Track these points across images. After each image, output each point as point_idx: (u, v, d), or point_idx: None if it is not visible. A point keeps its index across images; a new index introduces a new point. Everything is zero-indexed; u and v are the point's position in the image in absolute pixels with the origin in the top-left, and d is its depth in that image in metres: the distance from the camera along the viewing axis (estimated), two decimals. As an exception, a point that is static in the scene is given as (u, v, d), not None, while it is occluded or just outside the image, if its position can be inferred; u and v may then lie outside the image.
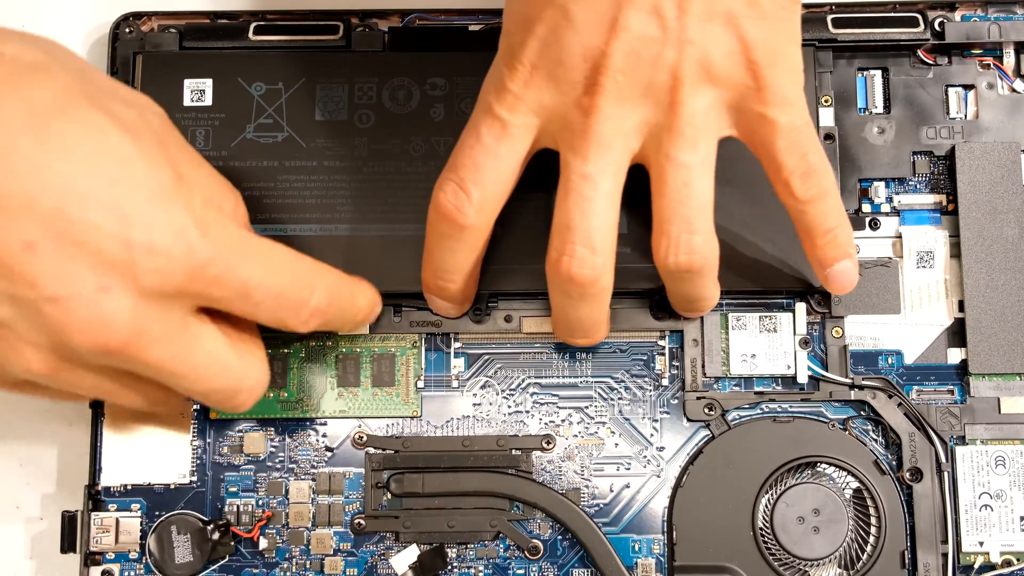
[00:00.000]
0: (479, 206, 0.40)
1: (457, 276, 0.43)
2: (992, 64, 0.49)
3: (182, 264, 0.36)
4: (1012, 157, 0.48)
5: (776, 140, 0.39)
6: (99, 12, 0.51)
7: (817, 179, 0.40)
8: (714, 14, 0.38)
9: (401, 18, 0.50)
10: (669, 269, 0.40)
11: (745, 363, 0.47)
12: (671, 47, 0.38)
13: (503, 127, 0.39)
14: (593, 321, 0.43)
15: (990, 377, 0.47)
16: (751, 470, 0.46)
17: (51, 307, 0.33)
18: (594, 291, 0.40)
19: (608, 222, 0.39)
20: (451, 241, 0.42)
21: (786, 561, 0.46)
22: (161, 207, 0.35)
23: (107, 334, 0.35)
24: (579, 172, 0.39)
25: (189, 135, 0.47)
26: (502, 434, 0.47)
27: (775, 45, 0.39)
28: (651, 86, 0.38)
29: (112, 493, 0.47)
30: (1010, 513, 0.46)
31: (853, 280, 0.43)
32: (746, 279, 0.46)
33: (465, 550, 0.47)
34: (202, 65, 0.48)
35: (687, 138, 0.39)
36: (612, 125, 0.39)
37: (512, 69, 0.39)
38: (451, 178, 0.40)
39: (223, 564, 0.47)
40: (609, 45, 0.37)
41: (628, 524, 0.47)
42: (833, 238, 0.42)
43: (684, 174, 0.39)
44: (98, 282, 0.34)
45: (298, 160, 0.47)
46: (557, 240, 0.40)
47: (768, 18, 0.38)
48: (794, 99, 0.39)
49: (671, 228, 0.39)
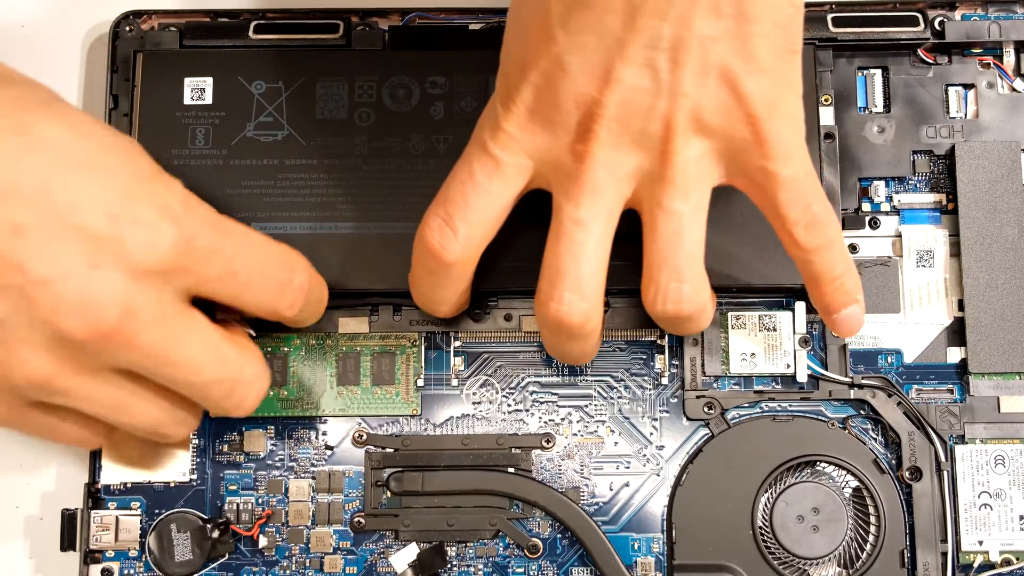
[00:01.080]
0: (465, 243, 0.40)
1: (443, 306, 0.44)
2: (992, 63, 0.49)
3: (170, 238, 0.35)
4: (1012, 156, 0.48)
5: (779, 193, 0.39)
6: (99, 10, 0.51)
7: (822, 229, 0.40)
8: (709, 68, 0.37)
9: (401, 17, 0.50)
10: (657, 316, 0.41)
11: (745, 362, 0.47)
12: (664, 99, 0.37)
13: (496, 165, 0.39)
14: (583, 352, 0.43)
15: (990, 376, 0.47)
16: (751, 469, 0.46)
17: (41, 290, 0.33)
18: (581, 334, 0.41)
19: (598, 267, 0.40)
20: (436, 276, 0.42)
21: (785, 560, 0.46)
22: (145, 185, 0.35)
23: (98, 314, 0.34)
24: (571, 217, 0.39)
25: (189, 133, 0.47)
26: (502, 433, 0.47)
27: (774, 97, 0.38)
28: (644, 135, 0.38)
29: (112, 491, 0.47)
30: (1009, 512, 0.46)
31: (860, 324, 0.43)
32: (745, 276, 0.46)
33: (465, 549, 0.47)
34: (202, 63, 0.48)
35: (679, 187, 0.39)
36: (605, 171, 0.38)
37: (508, 110, 0.39)
38: (439, 213, 0.40)
39: (223, 562, 0.47)
40: (603, 94, 0.37)
41: (627, 523, 0.47)
42: (840, 285, 0.41)
43: (675, 223, 0.39)
44: (88, 260, 0.33)
45: (298, 158, 0.47)
46: (546, 284, 0.40)
47: (766, 72, 0.38)
48: (795, 150, 0.39)
49: (660, 276, 0.40)
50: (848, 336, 0.46)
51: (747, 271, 0.46)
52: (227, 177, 0.46)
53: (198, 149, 0.47)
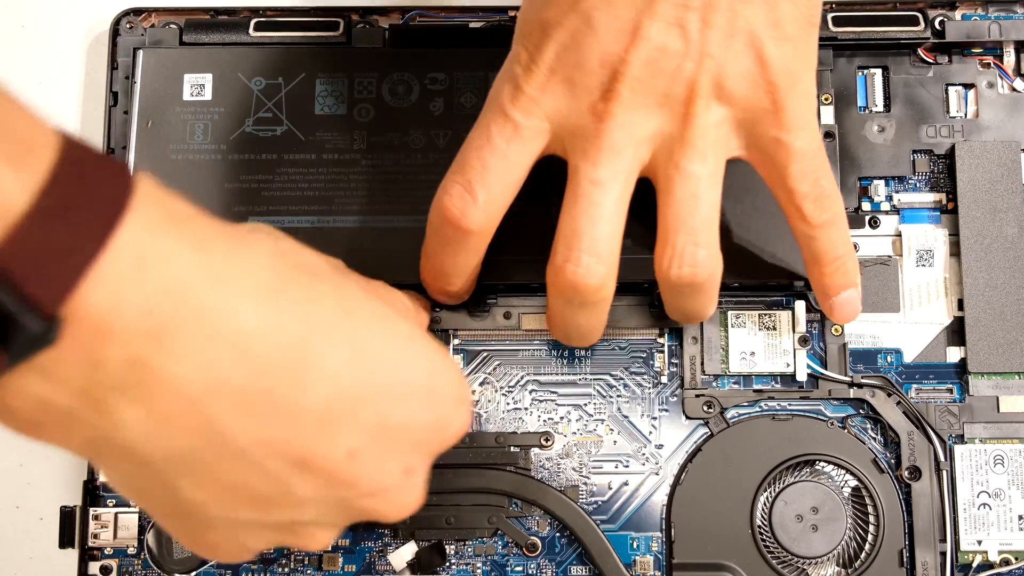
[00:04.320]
0: (485, 209, 0.40)
1: (457, 279, 0.43)
2: (992, 63, 0.49)
3: (457, 430, 0.36)
4: (1012, 156, 0.48)
5: (790, 165, 0.39)
6: (100, 8, 0.51)
7: (829, 204, 0.40)
8: (736, 31, 0.37)
9: (402, 15, 0.50)
10: (671, 281, 0.40)
11: (744, 361, 0.47)
12: (690, 59, 0.37)
13: (515, 129, 0.39)
14: (591, 327, 0.42)
15: (989, 376, 0.47)
16: (750, 468, 0.46)
17: (368, 500, 0.34)
18: (596, 299, 0.40)
19: (615, 230, 0.39)
20: (453, 245, 0.41)
21: (784, 559, 0.46)
22: (450, 379, 0.35)
23: (413, 509, 0.35)
24: (589, 178, 0.38)
25: (188, 129, 0.47)
26: (501, 431, 0.47)
27: (794, 68, 0.38)
28: (667, 96, 0.38)
29: (111, 488, 0.47)
30: (1008, 512, 0.46)
31: (856, 311, 0.43)
32: (745, 273, 0.46)
33: (463, 546, 0.47)
34: (202, 60, 0.48)
35: (698, 150, 0.38)
36: (625, 132, 0.38)
37: (529, 71, 0.38)
38: (457, 180, 0.40)
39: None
40: (628, 53, 0.37)
41: (626, 521, 0.47)
42: (841, 265, 0.42)
43: (693, 185, 0.39)
44: (404, 465, 0.34)
45: (297, 153, 0.47)
46: (562, 246, 0.39)
47: (790, 40, 0.38)
48: (810, 123, 0.39)
49: (676, 239, 0.39)
50: (844, 323, 0.46)
51: (747, 269, 0.46)
52: (226, 172, 0.46)
53: (197, 144, 0.47)
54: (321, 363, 0.31)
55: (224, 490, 0.31)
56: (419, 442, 0.35)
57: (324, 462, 0.32)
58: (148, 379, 0.28)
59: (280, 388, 0.30)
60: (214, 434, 0.30)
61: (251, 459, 0.30)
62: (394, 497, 0.34)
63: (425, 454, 0.35)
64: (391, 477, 0.34)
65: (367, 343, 0.33)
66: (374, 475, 0.33)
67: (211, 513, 0.32)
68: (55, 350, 0.27)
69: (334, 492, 0.33)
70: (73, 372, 0.27)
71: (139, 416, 0.29)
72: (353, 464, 0.32)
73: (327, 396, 0.31)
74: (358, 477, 0.33)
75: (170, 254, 0.28)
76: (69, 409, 0.28)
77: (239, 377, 0.29)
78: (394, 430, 0.33)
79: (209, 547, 0.34)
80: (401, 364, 0.34)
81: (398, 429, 0.33)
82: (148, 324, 0.27)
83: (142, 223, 0.27)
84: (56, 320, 0.26)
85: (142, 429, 0.29)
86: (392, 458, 0.34)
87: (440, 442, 0.35)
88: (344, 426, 0.32)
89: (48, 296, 0.26)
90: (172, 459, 0.30)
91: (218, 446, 0.30)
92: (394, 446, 0.34)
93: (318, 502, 0.33)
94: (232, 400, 0.29)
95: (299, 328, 0.30)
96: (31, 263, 0.26)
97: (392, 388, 0.33)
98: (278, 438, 0.30)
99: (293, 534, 0.34)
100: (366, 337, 0.33)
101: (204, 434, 0.29)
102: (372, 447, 0.33)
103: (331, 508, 0.34)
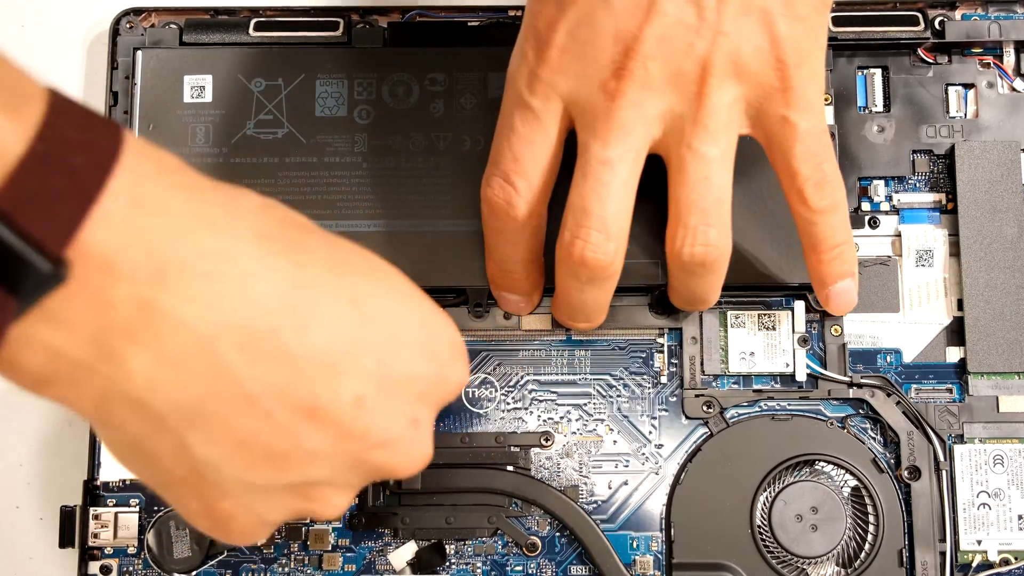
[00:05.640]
0: (527, 196, 0.41)
1: (519, 266, 0.44)
2: (992, 63, 0.49)
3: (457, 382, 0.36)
4: (1012, 156, 0.48)
5: (794, 145, 0.39)
6: (100, 8, 0.51)
7: (831, 190, 0.40)
8: (750, 8, 0.38)
9: (401, 15, 0.50)
10: (683, 260, 0.40)
11: (744, 361, 0.47)
12: (704, 37, 0.38)
13: (535, 116, 0.40)
14: (597, 305, 0.43)
15: (989, 376, 0.47)
16: (749, 468, 0.46)
17: (378, 452, 0.33)
18: (604, 276, 0.40)
19: (624, 208, 0.39)
20: (506, 234, 0.42)
21: (784, 559, 0.46)
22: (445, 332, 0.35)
23: (420, 463, 0.35)
24: (598, 156, 0.39)
25: (189, 131, 0.47)
26: (501, 431, 0.47)
27: (805, 47, 0.39)
28: (679, 75, 0.38)
29: (111, 488, 0.47)
30: (1008, 512, 0.46)
31: (853, 301, 0.43)
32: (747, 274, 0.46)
33: (463, 546, 0.47)
34: (202, 61, 0.48)
35: (710, 131, 0.39)
36: (636, 111, 0.38)
37: (541, 54, 0.39)
38: (495, 173, 0.41)
39: (221, 559, 0.47)
40: (642, 29, 0.37)
41: (626, 521, 0.47)
42: (840, 253, 0.42)
43: (704, 166, 0.39)
44: (410, 416, 0.34)
45: (298, 156, 0.47)
46: (572, 223, 0.39)
47: (802, 19, 0.38)
48: (816, 105, 0.39)
49: (689, 218, 0.39)
50: (840, 314, 0.46)
51: (747, 269, 0.46)
52: (227, 175, 0.46)
53: (198, 147, 0.47)
54: (320, 307, 0.31)
55: (236, 445, 0.31)
56: (422, 392, 0.34)
57: (331, 410, 0.31)
58: (156, 321, 0.28)
59: (284, 329, 0.30)
60: (222, 379, 0.29)
61: (260, 408, 0.30)
62: (404, 449, 0.34)
63: (429, 405, 0.35)
64: (399, 427, 0.33)
65: (363, 293, 0.33)
66: (382, 424, 0.33)
67: (224, 474, 0.31)
68: (64, 292, 0.27)
69: (344, 444, 0.32)
70: (83, 316, 0.27)
71: (149, 363, 0.28)
72: (360, 413, 0.32)
73: (329, 339, 0.31)
74: (367, 427, 0.32)
75: (165, 199, 0.28)
76: (80, 360, 0.28)
77: (245, 317, 0.29)
78: (397, 379, 0.33)
79: (223, 520, 0.33)
80: (398, 316, 0.33)
81: (401, 378, 0.33)
82: (153, 265, 0.28)
83: (135, 170, 0.27)
84: (63, 262, 0.26)
85: (152, 376, 0.29)
86: (398, 407, 0.33)
87: (441, 394, 0.35)
88: (348, 371, 0.32)
89: (53, 236, 0.26)
90: (182, 411, 0.30)
91: (227, 393, 0.30)
92: (398, 395, 0.33)
93: (330, 457, 0.32)
94: (239, 340, 0.29)
95: (297, 272, 0.30)
96: (34, 205, 0.26)
97: (391, 338, 0.33)
98: (284, 383, 0.30)
99: (308, 498, 0.34)
100: (362, 287, 0.33)
101: (213, 380, 0.29)
102: (377, 395, 0.32)
103: (343, 464, 0.33)
